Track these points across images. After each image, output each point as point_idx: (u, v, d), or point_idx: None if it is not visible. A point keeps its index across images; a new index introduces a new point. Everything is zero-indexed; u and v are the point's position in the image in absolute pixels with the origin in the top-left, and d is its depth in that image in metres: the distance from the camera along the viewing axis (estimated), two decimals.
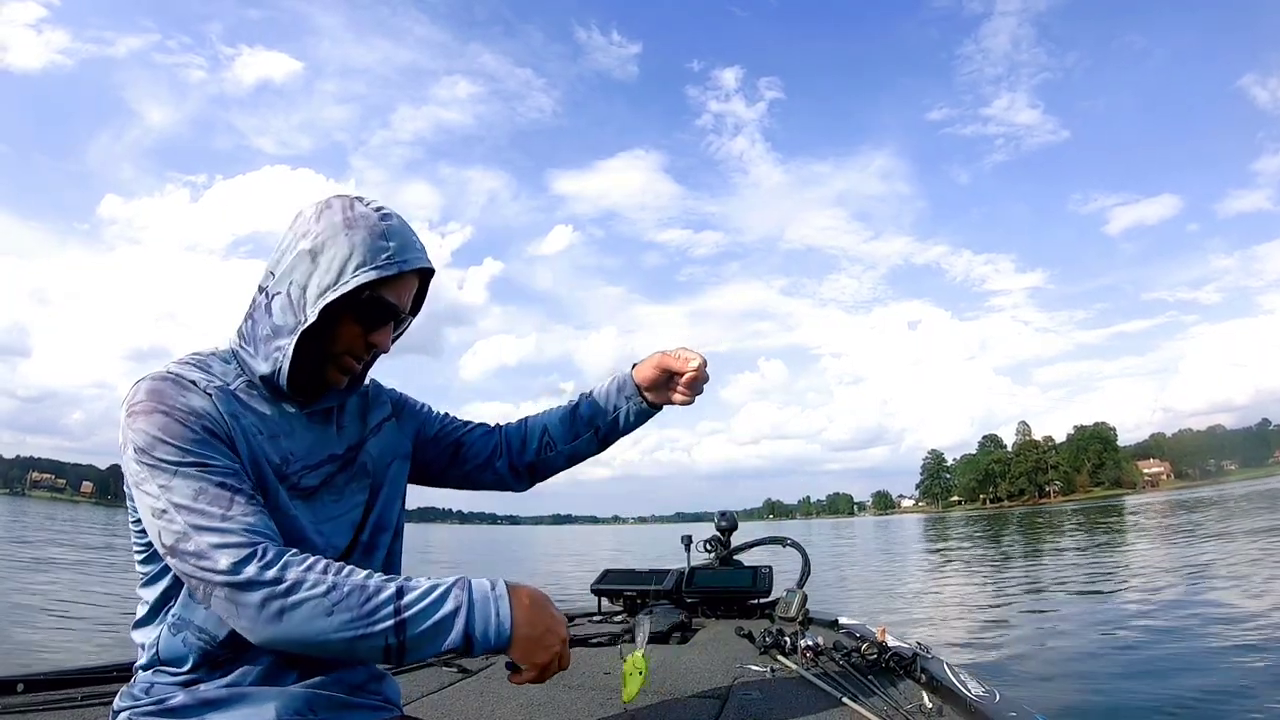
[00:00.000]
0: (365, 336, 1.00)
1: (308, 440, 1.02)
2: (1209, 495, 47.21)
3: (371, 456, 1.10)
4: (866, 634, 2.06)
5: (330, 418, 1.07)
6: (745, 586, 2.81)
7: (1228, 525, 17.92)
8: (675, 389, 1.23)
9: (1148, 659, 4.85)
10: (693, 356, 1.20)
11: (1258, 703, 3.78)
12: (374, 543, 1.08)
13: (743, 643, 2.20)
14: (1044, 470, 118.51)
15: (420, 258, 1.01)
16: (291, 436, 0.99)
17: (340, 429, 1.08)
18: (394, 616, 0.81)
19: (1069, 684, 4.40)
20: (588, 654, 2.19)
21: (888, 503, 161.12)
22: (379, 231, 0.97)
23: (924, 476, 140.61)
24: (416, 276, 1.03)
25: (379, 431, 1.13)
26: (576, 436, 1.27)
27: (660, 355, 1.22)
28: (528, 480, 1.30)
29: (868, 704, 1.49)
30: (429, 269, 1.04)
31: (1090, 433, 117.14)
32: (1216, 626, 5.66)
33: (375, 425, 1.14)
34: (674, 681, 1.81)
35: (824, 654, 1.84)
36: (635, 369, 1.26)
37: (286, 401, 1.00)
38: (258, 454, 0.93)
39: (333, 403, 1.06)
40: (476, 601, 0.84)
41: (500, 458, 1.26)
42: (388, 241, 0.97)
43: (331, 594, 0.80)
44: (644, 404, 1.25)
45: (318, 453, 1.03)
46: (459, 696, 1.75)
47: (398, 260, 0.97)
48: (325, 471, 1.03)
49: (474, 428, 1.28)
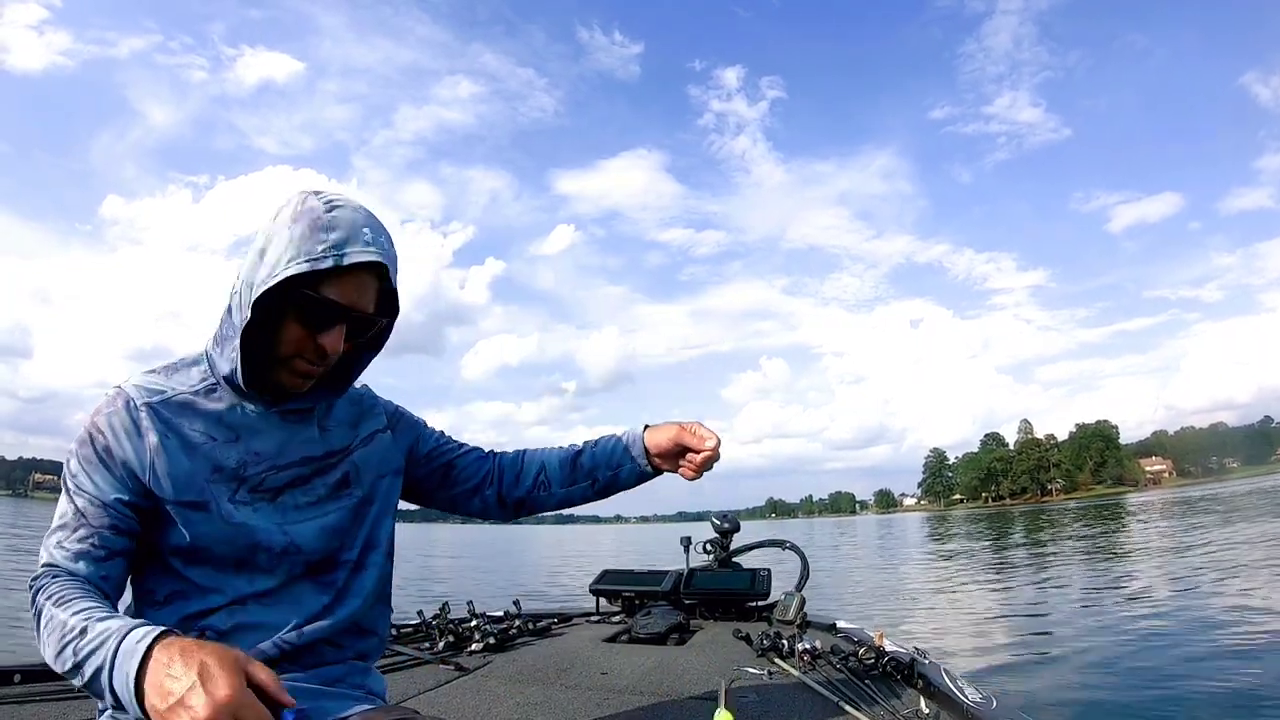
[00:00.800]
0: (314, 339, 0.93)
1: (278, 439, 0.99)
2: (1211, 493, 47.13)
3: (358, 468, 1.07)
4: (864, 638, 2.06)
5: (310, 419, 1.03)
6: (743, 589, 2.82)
7: (1231, 524, 17.88)
8: (685, 464, 1.19)
9: (1148, 663, 4.84)
10: (709, 435, 1.17)
11: (1260, 706, 3.77)
12: (364, 562, 1.06)
13: (740, 645, 2.20)
14: (1046, 468, 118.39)
15: (364, 251, 0.91)
16: (259, 435, 0.98)
17: (324, 431, 1.04)
18: (73, 658, 0.75)
19: (1067, 690, 4.39)
20: (586, 654, 2.19)
21: (890, 501, 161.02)
22: (321, 224, 0.90)
23: (926, 475, 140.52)
24: (372, 274, 0.95)
25: (370, 443, 1.10)
26: (574, 483, 1.23)
27: (677, 429, 1.18)
28: (512, 513, 1.26)
29: (865, 709, 1.49)
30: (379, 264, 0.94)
31: (1092, 431, 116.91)
32: (1219, 630, 5.64)
33: (367, 436, 1.09)
34: (670, 682, 1.81)
35: (821, 658, 1.84)
36: (648, 432, 1.21)
37: (254, 401, 0.97)
38: (194, 464, 0.93)
39: (309, 404, 1.01)
40: (119, 658, 0.71)
41: (490, 486, 1.22)
42: (328, 234, 0.90)
43: (46, 627, 0.80)
44: (649, 467, 1.22)
45: (289, 453, 1.00)
46: (456, 694, 1.75)
47: (334, 253, 0.89)
48: (296, 472, 1.00)
49: (468, 451, 1.24)
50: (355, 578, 1.04)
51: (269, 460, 0.98)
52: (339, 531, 1.03)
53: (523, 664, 2.07)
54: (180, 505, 0.92)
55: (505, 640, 2.31)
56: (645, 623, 2.46)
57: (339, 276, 0.91)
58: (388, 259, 0.95)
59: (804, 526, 71.78)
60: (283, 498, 0.98)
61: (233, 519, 0.94)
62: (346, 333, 0.94)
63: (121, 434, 0.91)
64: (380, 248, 0.94)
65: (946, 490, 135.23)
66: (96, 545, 0.88)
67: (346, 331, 0.94)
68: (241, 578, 0.94)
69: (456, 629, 2.31)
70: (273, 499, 0.97)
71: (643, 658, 2.12)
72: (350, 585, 1.03)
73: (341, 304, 0.92)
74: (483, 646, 2.21)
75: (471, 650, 2.20)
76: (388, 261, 0.95)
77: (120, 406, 0.93)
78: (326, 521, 1.01)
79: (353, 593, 1.03)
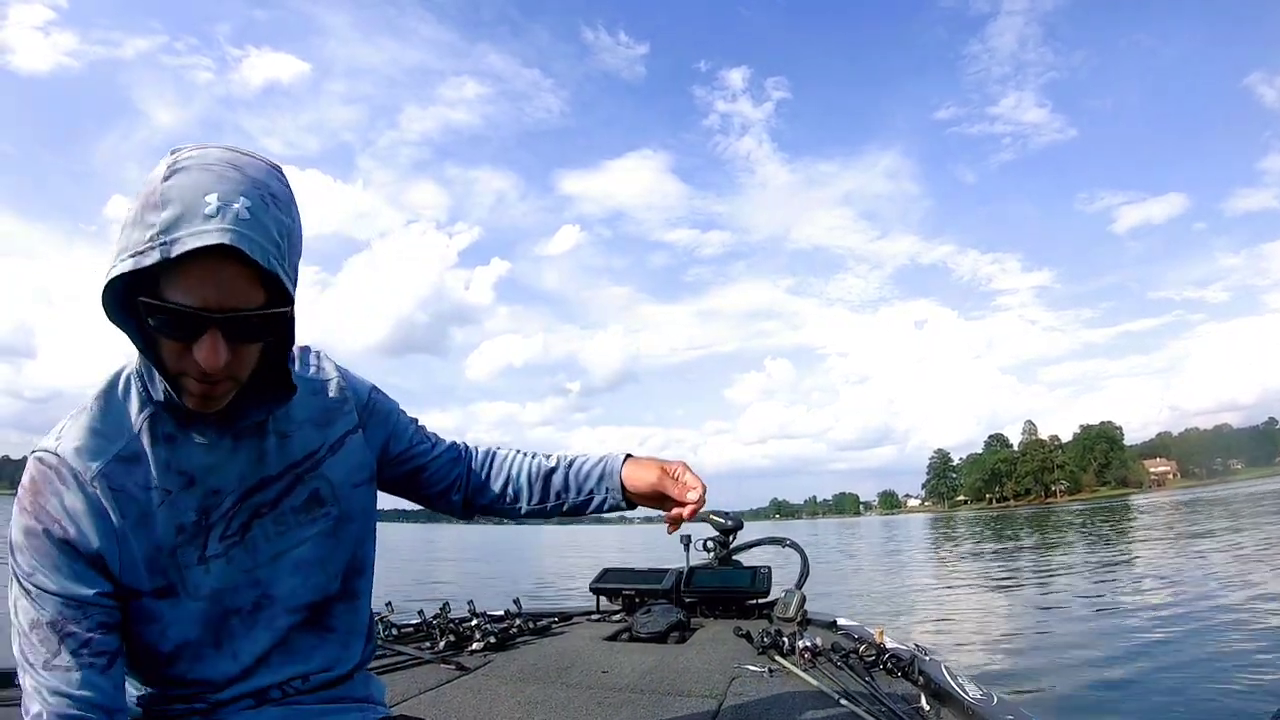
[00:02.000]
0: (190, 352, 0.72)
1: (235, 467, 0.84)
2: (1215, 495, 46.99)
3: (331, 483, 0.92)
4: (865, 635, 2.06)
5: (264, 432, 0.86)
6: (744, 587, 2.82)
7: (1235, 526, 17.83)
8: (667, 518, 1.07)
9: (1149, 662, 4.83)
10: (692, 485, 1.03)
11: (1262, 707, 3.76)
12: (351, 589, 0.95)
13: (741, 643, 2.20)
14: (1050, 470, 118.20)
15: (200, 233, 0.66)
16: (214, 470, 0.82)
17: (283, 439, 0.88)
18: None
19: (1068, 687, 4.38)
20: (587, 652, 2.19)
21: (894, 502, 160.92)
22: (152, 201, 0.68)
23: (930, 476, 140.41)
24: (230, 262, 0.69)
25: (341, 448, 0.94)
26: (541, 501, 1.11)
27: (659, 473, 1.05)
28: (477, 516, 1.17)
29: (866, 706, 1.48)
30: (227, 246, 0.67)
31: (1096, 432, 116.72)
32: (1221, 630, 5.63)
33: (337, 439, 0.93)
34: (671, 681, 1.81)
35: (822, 655, 1.84)
36: (629, 466, 1.08)
37: (202, 426, 0.81)
38: (158, 537, 0.79)
39: (260, 416, 0.85)
40: None
41: (458, 492, 1.10)
42: (157, 214, 0.67)
43: None
44: (623, 502, 1.09)
45: (249, 478, 0.85)
46: (456, 694, 1.75)
47: (161, 241, 0.67)
48: (259, 498, 0.86)
49: (440, 454, 1.09)
50: (350, 613, 0.96)
51: (232, 494, 0.83)
52: (318, 563, 0.91)
53: (523, 663, 2.07)
54: (152, 596, 0.79)
55: (506, 639, 2.30)
56: (646, 621, 2.45)
57: (180, 269, 0.68)
58: (241, 235, 0.67)
59: (808, 527, 71.78)
60: (252, 533, 0.85)
61: (201, 593, 0.81)
62: (230, 335, 0.72)
63: (83, 519, 0.75)
64: (231, 220, 0.67)
65: (951, 491, 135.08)
66: (93, 655, 0.75)
67: (228, 334, 0.72)
68: (223, 654, 0.84)
69: (457, 628, 2.31)
70: (242, 538, 0.84)
71: (643, 656, 2.12)
72: (347, 623, 0.96)
73: (190, 308, 0.69)
74: (483, 646, 2.21)
75: (472, 650, 2.20)
76: (237, 243, 0.67)
77: (70, 483, 0.76)
78: (301, 554, 0.89)
79: (353, 631, 0.96)
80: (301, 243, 0.77)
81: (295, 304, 0.76)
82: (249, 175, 0.71)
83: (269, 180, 0.73)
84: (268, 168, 0.75)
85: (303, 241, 0.78)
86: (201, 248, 0.66)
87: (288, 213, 0.74)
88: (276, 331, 0.77)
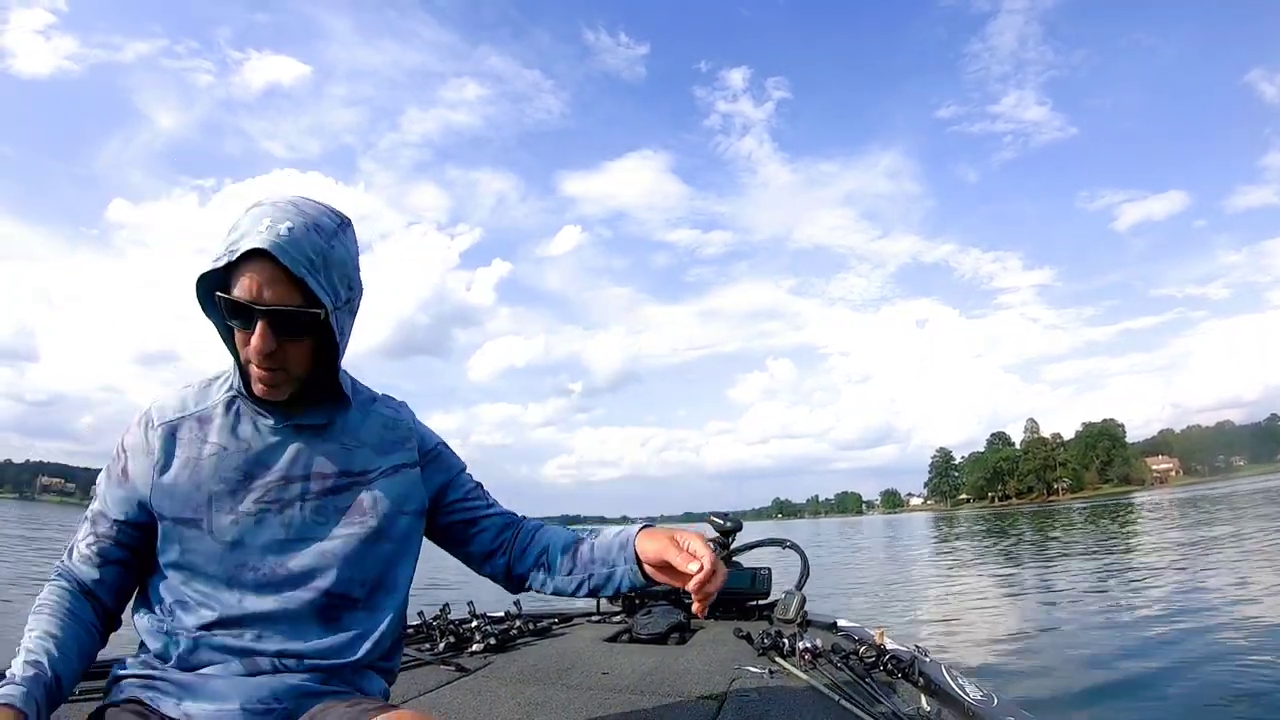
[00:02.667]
0: (249, 341, 0.92)
1: (290, 452, 1.00)
2: (1218, 492, 46.92)
3: (375, 498, 1.04)
4: (865, 637, 2.05)
5: (329, 435, 1.03)
6: (744, 588, 2.82)
7: (1238, 523, 17.80)
8: (694, 599, 1.00)
9: (1150, 663, 4.81)
10: (699, 555, 0.98)
11: (1263, 708, 3.75)
12: (374, 602, 1.03)
13: (741, 644, 2.20)
14: (1052, 468, 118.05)
15: (254, 239, 0.88)
16: (272, 448, 1.00)
17: (346, 450, 1.03)
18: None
19: (1069, 689, 4.36)
20: (587, 654, 2.19)
21: (896, 501, 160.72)
22: (231, 226, 0.92)
23: (932, 475, 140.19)
24: (274, 266, 0.89)
25: (394, 475, 1.06)
26: (570, 572, 1.13)
27: (667, 541, 1.03)
28: (516, 587, 1.20)
29: (866, 707, 1.48)
30: (271, 254, 0.89)
31: (1099, 429, 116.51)
32: (1223, 631, 5.60)
33: (391, 468, 1.06)
34: (672, 682, 1.81)
35: (822, 656, 1.83)
36: (641, 536, 1.08)
37: (270, 414, 1.00)
38: (197, 479, 0.98)
39: (321, 419, 1.02)
40: None
41: (503, 555, 1.17)
42: (234, 232, 0.91)
43: None
44: (640, 575, 1.08)
45: (300, 466, 1.00)
46: (457, 694, 1.75)
47: (229, 249, 0.90)
48: (305, 487, 1.00)
49: (493, 514, 1.18)
50: (367, 621, 1.02)
51: (280, 471, 0.99)
52: (343, 560, 1.00)
53: (523, 664, 2.07)
54: (176, 523, 0.97)
55: (506, 640, 2.31)
56: (646, 622, 2.45)
57: (240, 272, 0.90)
58: (278, 245, 0.89)
59: (810, 527, 71.76)
60: (290, 512, 0.99)
61: (224, 536, 0.97)
62: (277, 330, 0.92)
63: (138, 455, 1.00)
64: (274, 235, 0.89)
65: (953, 490, 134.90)
66: (97, 553, 0.99)
67: (275, 327, 0.91)
68: (232, 594, 0.96)
69: (457, 629, 2.31)
70: (279, 511, 0.98)
71: (643, 657, 2.12)
72: (362, 628, 1.01)
73: (242, 300, 0.90)
74: (483, 647, 2.22)
75: (472, 651, 2.20)
76: (272, 249, 0.88)
77: (139, 427, 1.01)
78: (329, 546, 1.00)
79: (366, 636, 1.01)
80: (348, 272, 0.97)
81: (335, 317, 0.94)
82: (302, 210, 0.93)
83: (319, 216, 0.95)
84: (325, 209, 0.97)
85: (355, 276, 0.99)
86: (250, 250, 0.88)
87: (328, 241, 0.94)
88: (316, 333, 0.95)
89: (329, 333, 0.96)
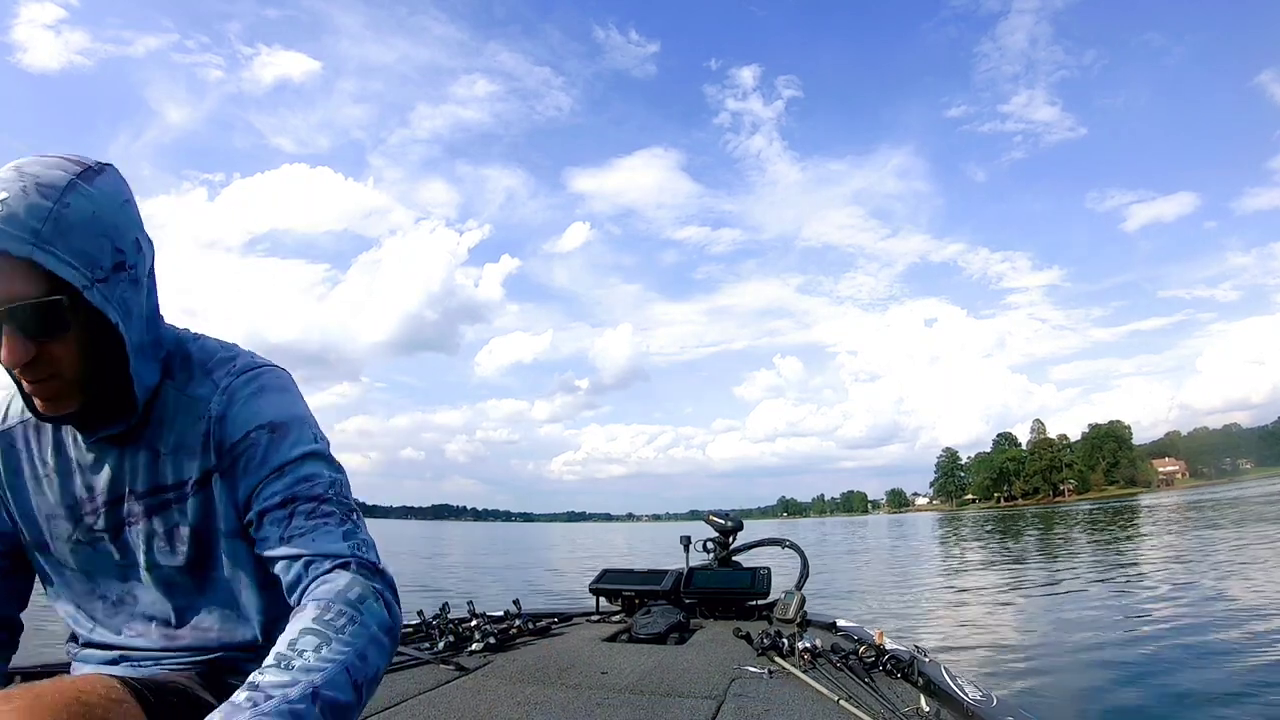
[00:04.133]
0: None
1: (109, 471, 0.83)
2: (1224, 495, 46.70)
3: (188, 519, 0.83)
4: (865, 636, 2.06)
5: (140, 440, 0.83)
6: (743, 588, 2.82)
7: (1242, 527, 17.71)
8: None
9: (1150, 665, 4.79)
10: None
11: (1263, 708, 3.74)
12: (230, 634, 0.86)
13: (740, 644, 2.20)
14: (1059, 469, 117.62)
15: None
16: (91, 468, 0.84)
17: (155, 457, 0.83)
18: None
19: (1068, 689, 4.36)
20: (586, 653, 2.19)
21: (902, 501, 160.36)
22: None
23: (938, 474, 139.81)
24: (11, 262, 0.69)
25: (203, 489, 0.83)
26: None
27: None
28: None
29: (865, 706, 1.49)
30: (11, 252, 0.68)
31: (1105, 431, 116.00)
32: (1223, 632, 5.58)
33: (204, 473, 0.83)
34: (671, 682, 1.81)
35: (822, 656, 1.84)
36: None
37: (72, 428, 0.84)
38: (39, 500, 0.86)
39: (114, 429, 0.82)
40: None
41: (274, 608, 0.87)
42: None
43: None
44: None
45: (118, 486, 0.83)
46: (456, 694, 1.75)
47: None
48: (128, 508, 0.84)
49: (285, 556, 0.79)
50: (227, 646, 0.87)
51: (103, 494, 0.84)
52: (180, 590, 0.85)
53: (523, 664, 2.08)
54: (31, 544, 0.88)
55: (505, 640, 2.31)
56: (645, 622, 2.46)
57: None
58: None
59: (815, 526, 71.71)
60: (124, 537, 0.84)
61: (69, 564, 0.87)
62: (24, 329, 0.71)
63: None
64: None
65: (959, 490, 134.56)
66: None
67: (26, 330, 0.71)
68: (91, 623, 0.89)
69: (456, 629, 2.32)
70: (114, 539, 0.84)
71: (643, 657, 2.12)
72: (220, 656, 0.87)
73: None
74: (483, 646, 2.22)
75: (472, 650, 2.20)
76: None
77: None
78: (162, 574, 0.85)
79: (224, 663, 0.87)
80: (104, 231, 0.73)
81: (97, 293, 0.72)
82: (23, 171, 0.70)
83: (44, 172, 0.71)
84: (56, 161, 0.73)
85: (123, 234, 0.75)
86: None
87: (59, 200, 0.70)
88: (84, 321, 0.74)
89: (99, 315, 0.74)
